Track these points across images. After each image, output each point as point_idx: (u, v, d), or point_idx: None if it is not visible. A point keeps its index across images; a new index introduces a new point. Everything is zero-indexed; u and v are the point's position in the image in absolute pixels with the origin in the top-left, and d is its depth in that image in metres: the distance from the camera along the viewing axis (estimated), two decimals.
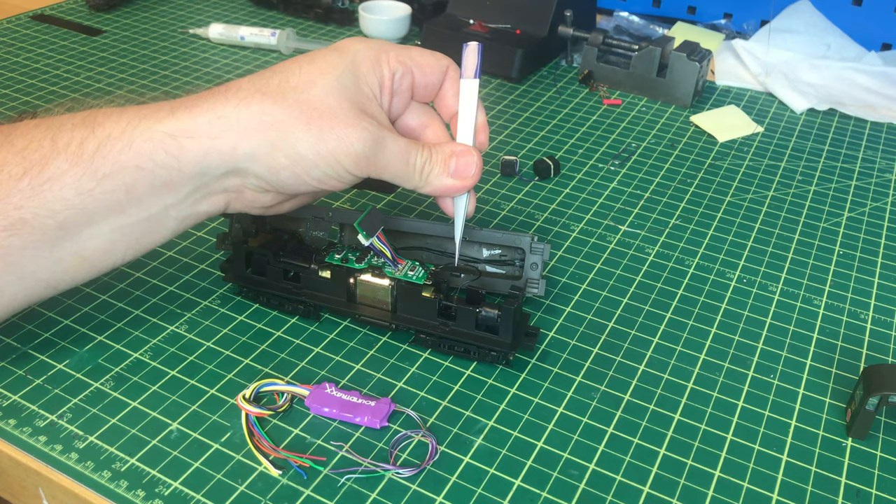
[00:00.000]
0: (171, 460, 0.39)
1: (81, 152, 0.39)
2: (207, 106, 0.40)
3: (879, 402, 0.41)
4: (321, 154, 0.40)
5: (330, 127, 0.40)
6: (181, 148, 0.39)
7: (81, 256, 0.41)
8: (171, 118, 0.39)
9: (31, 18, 0.91)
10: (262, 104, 0.40)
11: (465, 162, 0.44)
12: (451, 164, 0.44)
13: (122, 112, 0.40)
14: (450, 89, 0.46)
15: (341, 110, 0.40)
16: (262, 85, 0.41)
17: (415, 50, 0.45)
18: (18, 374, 0.44)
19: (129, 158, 0.39)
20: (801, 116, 0.78)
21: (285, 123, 0.40)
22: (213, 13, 0.96)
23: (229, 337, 0.47)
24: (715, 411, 0.44)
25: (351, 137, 0.40)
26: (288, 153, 0.40)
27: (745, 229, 0.60)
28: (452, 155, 0.44)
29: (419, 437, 0.41)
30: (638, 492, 0.39)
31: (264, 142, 0.40)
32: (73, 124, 0.40)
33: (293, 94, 0.40)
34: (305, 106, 0.40)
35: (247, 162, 0.40)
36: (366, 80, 0.43)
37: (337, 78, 0.41)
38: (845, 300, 0.53)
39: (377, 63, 0.43)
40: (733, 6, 0.95)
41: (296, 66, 0.42)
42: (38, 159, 0.38)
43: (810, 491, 0.40)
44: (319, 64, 0.42)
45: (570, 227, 0.59)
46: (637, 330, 0.49)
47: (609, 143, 0.71)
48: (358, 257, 0.48)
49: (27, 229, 0.38)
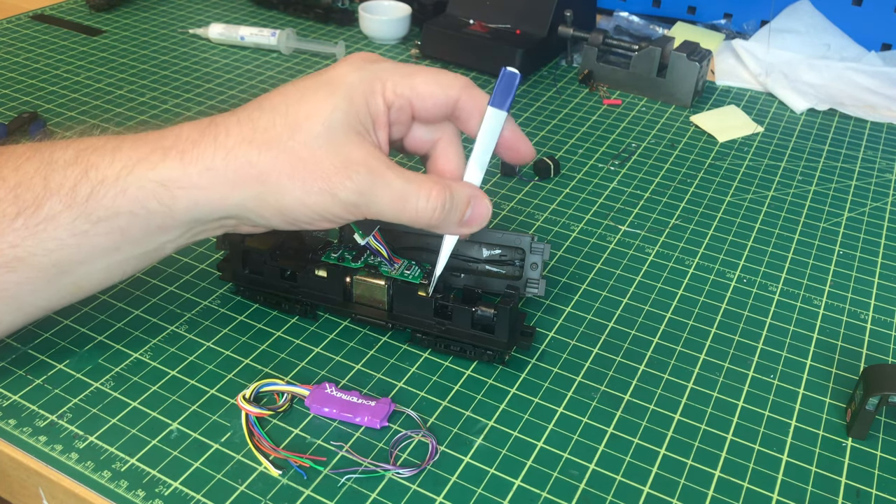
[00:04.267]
0: (171, 460, 0.39)
1: (75, 195, 0.38)
2: (197, 153, 0.38)
3: (879, 402, 0.41)
4: (308, 205, 0.39)
5: (314, 178, 0.38)
6: (173, 198, 0.38)
7: (79, 286, 0.41)
8: (163, 164, 0.38)
9: (31, 18, 0.91)
10: (247, 155, 0.38)
11: (480, 211, 0.42)
12: (466, 213, 0.42)
13: (115, 151, 0.39)
14: (463, 116, 0.42)
15: (327, 158, 0.38)
16: (248, 131, 0.39)
17: (419, 76, 0.41)
18: (18, 374, 0.44)
19: (123, 204, 0.38)
20: (801, 116, 0.78)
21: (271, 175, 0.38)
22: (213, 13, 0.96)
23: (229, 337, 0.47)
24: (715, 411, 0.44)
25: (336, 188, 0.38)
26: (275, 204, 0.39)
27: (745, 229, 0.60)
28: (469, 201, 0.42)
29: (419, 437, 0.41)
30: (638, 492, 0.39)
31: (251, 194, 0.39)
32: (66, 161, 0.39)
33: (278, 143, 0.38)
34: (290, 155, 0.38)
35: (237, 210, 0.40)
36: (358, 117, 0.40)
37: (325, 121, 0.39)
38: (845, 300, 0.53)
39: (372, 96, 0.40)
40: (733, 6, 0.95)
41: (283, 105, 0.39)
42: (31, 199, 0.38)
43: (810, 491, 0.40)
44: (307, 103, 0.39)
45: (570, 227, 0.59)
46: (637, 330, 0.49)
47: (609, 143, 0.71)
48: (354, 256, 0.48)
49: (23, 267, 0.38)
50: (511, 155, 0.45)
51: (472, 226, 0.42)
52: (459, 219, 0.42)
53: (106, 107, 0.73)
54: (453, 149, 0.44)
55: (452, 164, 0.44)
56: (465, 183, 0.43)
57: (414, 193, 0.40)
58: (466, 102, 0.42)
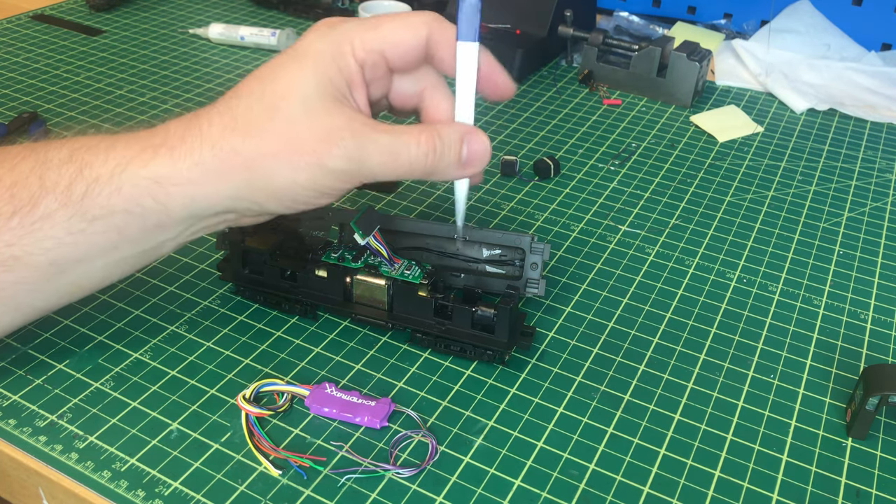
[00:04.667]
0: (171, 460, 0.39)
1: (70, 193, 0.38)
2: (186, 149, 0.38)
3: (879, 402, 0.41)
4: (299, 183, 0.38)
5: (300, 154, 0.38)
6: (168, 195, 0.38)
7: (78, 286, 0.41)
8: (154, 162, 0.38)
9: (31, 18, 0.91)
10: (231, 143, 0.38)
11: (477, 147, 0.40)
12: (462, 152, 0.40)
13: (108, 150, 0.39)
14: (438, 54, 0.41)
15: (309, 132, 0.38)
16: (229, 119, 0.38)
17: (385, 24, 0.40)
18: (18, 374, 0.44)
19: (119, 203, 0.38)
20: (801, 116, 0.78)
21: (255, 161, 0.38)
22: (213, 13, 0.96)
23: (229, 337, 0.47)
24: (715, 411, 0.44)
25: (324, 159, 0.38)
26: (266, 189, 0.39)
27: (745, 229, 0.60)
28: (462, 139, 0.40)
29: (419, 437, 0.41)
30: (638, 492, 0.39)
31: (241, 182, 0.38)
32: (60, 160, 0.39)
33: (258, 126, 0.38)
34: (273, 136, 0.38)
35: (232, 202, 0.39)
36: (332, 83, 0.39)
37: (299, 95, 0.38)
38: (845, 300, 0.53)
39: (341, 59, 0.39)
40: (733, 6, 0.95)
41: (258, 87, 0.39)
42: (27, 198, 0.38)
43: (810, 491, 0.40)
44: (280, 81, 0.39)
45: (570, 227, 0.59)
46: (637, 330, 0.49)
47: (609, 143, 0.71)
48: (354, 256, 0.48)
49: (20, 266, 0.38)
50: (490, 89, 0.43)
51: (474, 164, 0.41)
52: (456, 159, 0.40)
53: (106, 107, 0.73)
54: (440, 94, 0.43)
55: (443, 110, 0.43)
56: (455, 123, 0.41)
57: (404, 144, 0.39)
58: (438, 37, 0.41)
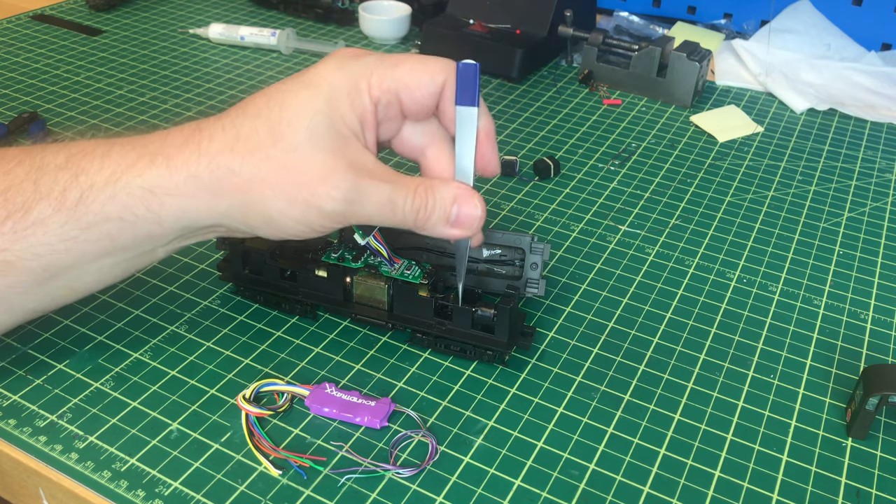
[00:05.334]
0: (171, 460, 0.39)
1: (64, 199, 0.38)
2: (183, 160, 0.38)
3: (879, 402, 0.41)
4: (291, 217, 0.38)
5: (298, 189, 0.37)
6: (161, 205, 0.38)
7: (71, 289, 0.41)
8: (150, 171, 0.38)
9: (31, 18, 0.91)
10: (230, 164, 0.37)
11: (468, 211, 0.40)
12: (452, 212, 0.40)
13: (104, 157, 0.39)
14: (447, 108, 0.41)
15: (310, 167, 0.37)
16: (231, 138, 0.38)
17: (404, 65, 0.40)
18: (18, 374, 0.44)
19: (112, 210, 0.38)
20: (801, 116, 0.78)
21: (253, 185, 0.37)
22: (213, 13, 0.96)
23: (229, 337, 0.47)
24: (715, 411, 0.44)
25: (320, 200, 0.37)
26: (259, 215, 0.38)
27: (745, 229, 0.60)
28: (454, 201, 0.40)
29: (419, 437, 0.41)
30: (638, 492, 0.39)
31: (235, 203, 0.38)
32: (56, 166, 0.38)
33: (260, 151, 0.37)
34: (273, 164, 0.37)
35: (223, 219, 0.39)
36: (343, 119, 0.38)
37: (307, 126, 0.37)
38: (845, 300, 0.53)
39: (357, 94, 0.39)
40: (733, 6, 0.95)
41: (266, 109, 0.38)
42: (21, 203, 0.38)
43: (810, 491, 0.40)
44: (289, 108, 0.38)
45: (570, 227, 0.59)
46: (637, 330, 0.49)
47: (609, 143, 0.71)
48: (354, 256, 0.48)
49: (12, 271, 0.38)
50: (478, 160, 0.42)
51: (463, 227, 0.41)
52: (445, 218, 0.41)
53: (106, 107, 0.73)
54: (443, 151, 0.43)
55: (443, 166, 0.43)
56: (452, 182, 0.41)
57: (402, 196, 0.39)
58: (450, 91, 0.41)
